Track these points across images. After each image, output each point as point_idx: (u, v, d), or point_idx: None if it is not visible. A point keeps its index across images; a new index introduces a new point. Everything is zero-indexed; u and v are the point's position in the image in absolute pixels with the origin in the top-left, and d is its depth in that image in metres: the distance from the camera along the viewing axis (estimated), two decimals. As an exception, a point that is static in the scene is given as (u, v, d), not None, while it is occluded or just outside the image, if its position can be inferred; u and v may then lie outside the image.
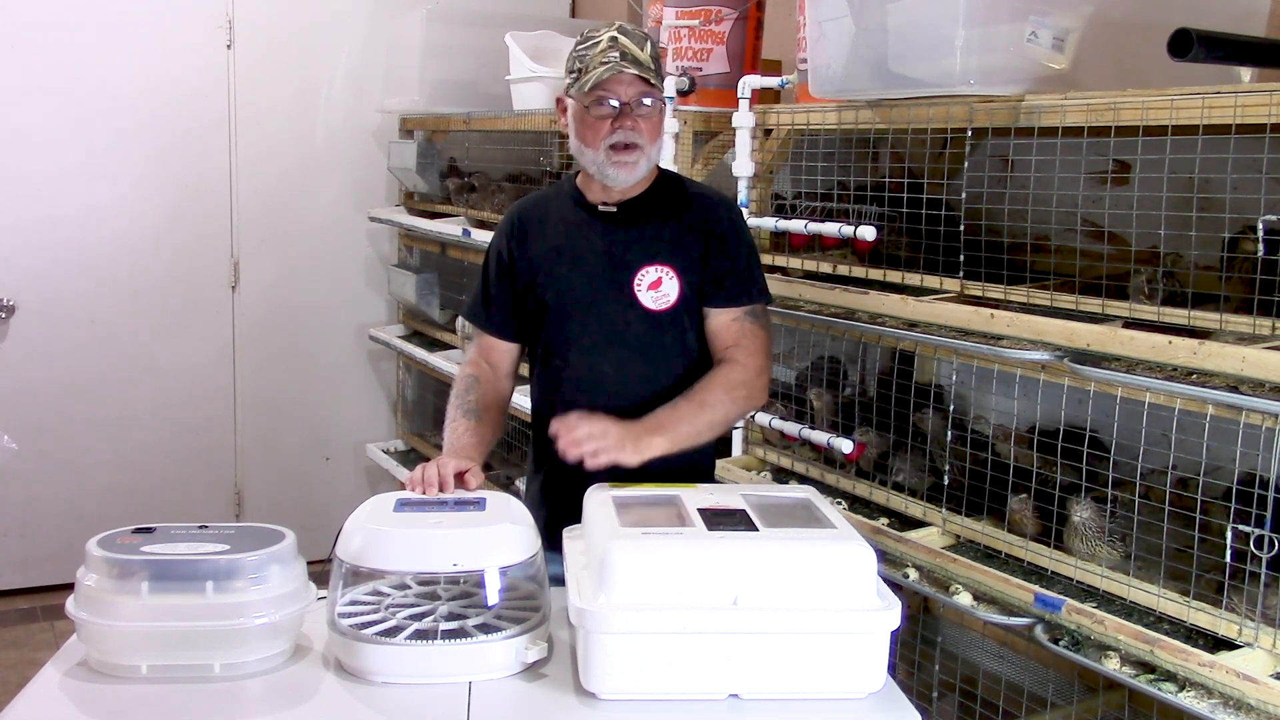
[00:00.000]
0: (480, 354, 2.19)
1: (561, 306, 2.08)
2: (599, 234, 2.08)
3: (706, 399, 1.98)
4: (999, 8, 1.93)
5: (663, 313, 2.04)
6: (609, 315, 2.05)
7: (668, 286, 2.04)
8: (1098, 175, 2.04)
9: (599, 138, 1.98)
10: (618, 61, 1.94)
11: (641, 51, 1.97)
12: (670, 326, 2.05)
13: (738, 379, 2.02)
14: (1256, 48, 1.75)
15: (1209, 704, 1.58)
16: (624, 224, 2.07)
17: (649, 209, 2.08)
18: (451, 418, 2.09)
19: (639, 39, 1.99)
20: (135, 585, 1.55)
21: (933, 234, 2.15)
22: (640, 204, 2.08)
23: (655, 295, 2.04)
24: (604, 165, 2.00)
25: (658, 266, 2.04)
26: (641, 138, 1.99)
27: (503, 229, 2.19)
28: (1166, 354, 1.65)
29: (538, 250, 2.12)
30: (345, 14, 4.37)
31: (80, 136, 4.04)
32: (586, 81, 1.95)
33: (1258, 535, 1.60)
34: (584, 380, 2.07)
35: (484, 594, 1.68)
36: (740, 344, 2.05)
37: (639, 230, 2.07)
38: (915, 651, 2.50)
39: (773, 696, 1.53)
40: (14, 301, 4.03)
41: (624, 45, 1.96)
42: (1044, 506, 1.95)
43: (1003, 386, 2.07)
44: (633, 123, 1.97)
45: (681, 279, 2.04)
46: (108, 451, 4.21)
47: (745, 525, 1.62)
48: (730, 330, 2.06)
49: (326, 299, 4.52)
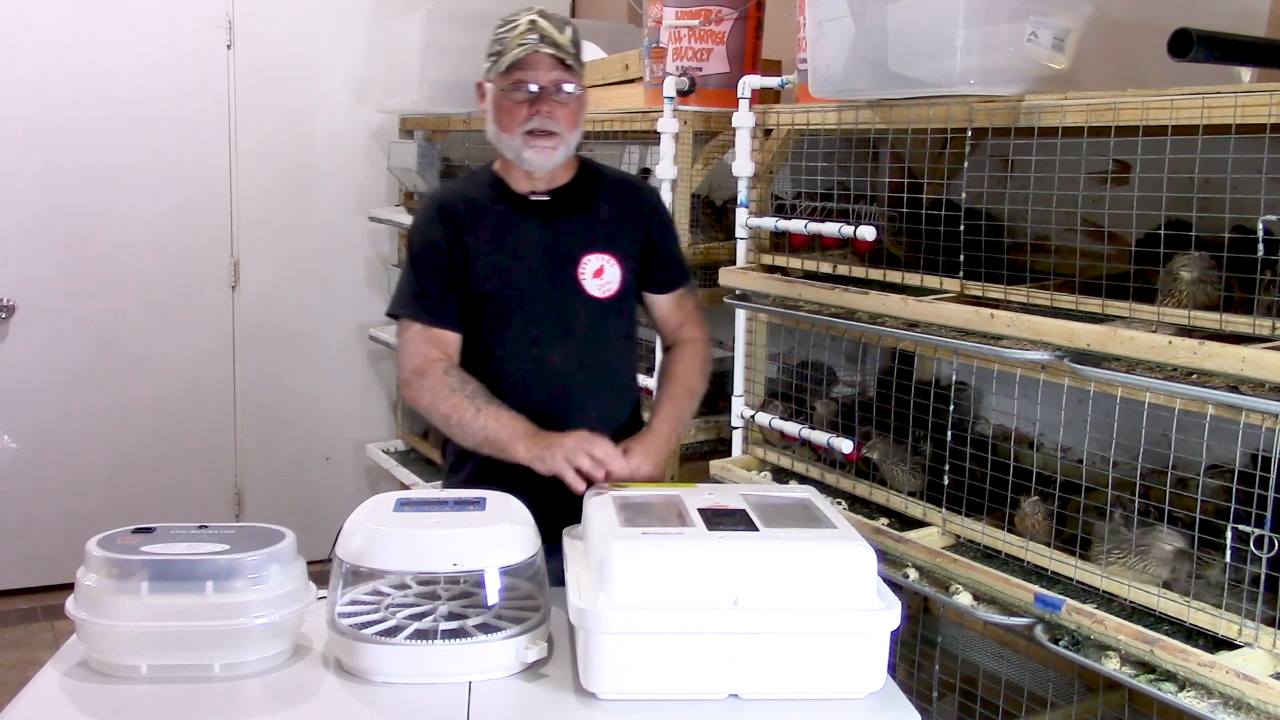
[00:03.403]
0: (436, 347, 2.05)
1: (504, 298, 2.06)
2: (535, 224, 2.08)
3: (693, 386, 2.15)
4: (999, 8, 1.93)
5: (607, 300, 2.08)
6: (556, 306, 2.06)
7: (610, 274, 2.08)
8: (1098, 175, 2.04)
9: (516, 123, 1.98)
10: (536, 43, 1.94)
11: (561, 35, 1.96)
12: (614, 313, 2.11)
13: (705, 355, 2.21)
14: (1256, 48, 1.75)
15: (1209, 704, 1.58)
16: (559, 213, 2.08)
17: (580, 197, 2.10)
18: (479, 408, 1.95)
19: (559, 23, 1.99)
20: (135, 585, 1.55)
21: (933, 234, 2.15)
22: (570, 192, 2.09)
23: (600, 283, 2.07)
24: (520, 149, 2.00)
25: (599, 254, 2.07)
26: (559, 125, 1.99)
27: (428, 219, 2.09)
28: (1166, 354, 1.65)
29: (472, 241, 2.07)
30: (345, 14, 4.37)
31: (80, 136, 4.03)
32: (504, 63, 1.95)
33: (1258, 535, 1.60)
34: (529, 371, 2.06)
35: (484, 594, 1.68)
36: (689, 320, 2.22)
37: (575, 219, 2.08)
38: (915, 651, 2.50)
39: (773, 696, 1.53)
40: (14, 301, 4.03)
41: (543, 28, 1.96)
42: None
43: (1006, 386, 2.07)
44: (549, 109, 1.97)
45: (622, 265, 2.09)
46: (108, 451, 4.21)
47: (745, 525, 1.62)
48: (678, 309, 2.21)
49: (326, 299, 4.52)
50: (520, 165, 2.04)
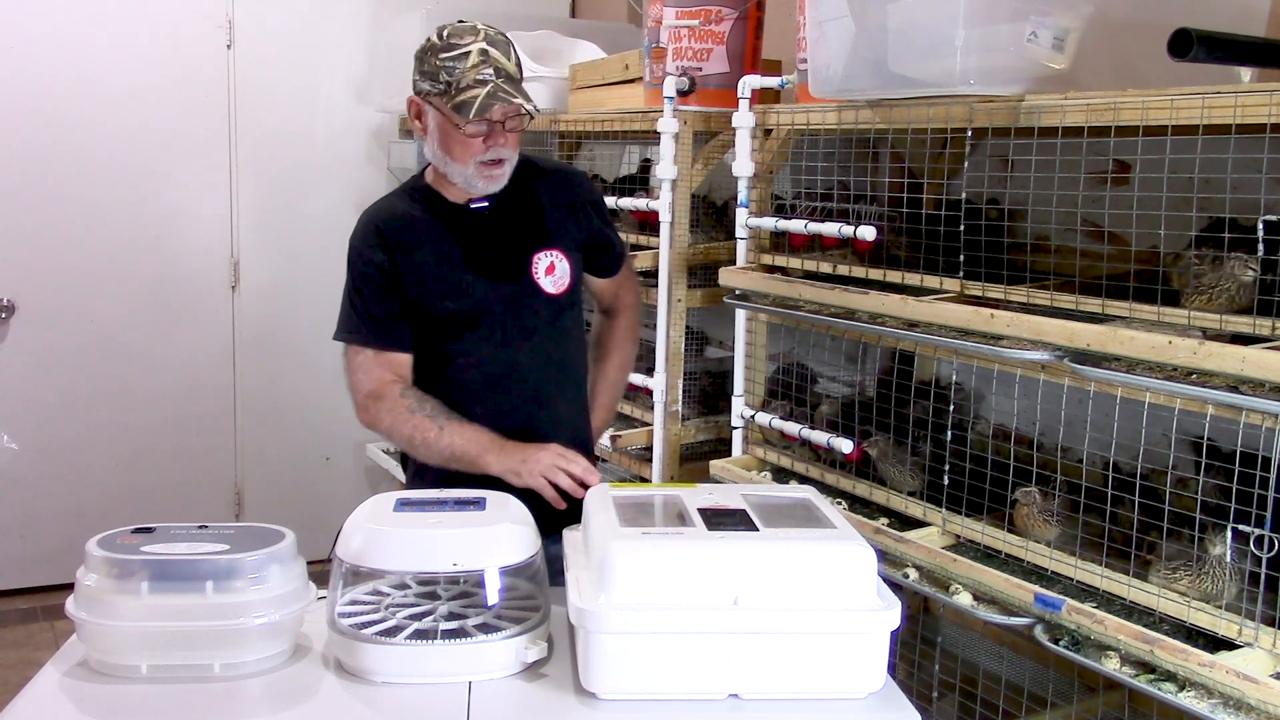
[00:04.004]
0: (389, 370, 2.08)
1: (465, 310, 2.05)
2: (480, 232, 2.08)
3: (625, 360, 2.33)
4: (999, 8, 1.93)
5: (561, 295, 2.11)
6: (517, 308, 2.08)
7: (560, 269, 2.11)
8: (1098, 175, 2.04)
9: (469, 154, 1.97)
10: (495, 83, 1.91)
11: (509, 61, 1.96)
12: (569, 306, 2.14)
13: (636, 320, 2.36)
14: (1256, 48, 1.75)
15: (1209, 704, 1.58)
16: (501, 217, 2.09)
17: (518, 197, 2.10)
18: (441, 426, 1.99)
19: (504, 47, 1.97)
20: (135, 585, 1.55)
21: (935, 233, 2.15)
22: (508, 195, 2.08)
23: (553, 279, 2.10)
24: (473, 178, 2.01)
25: (547, 251, 2.10)
26: (509, 151, 2.00)
27: (367, 241, 2.08)
28: (1166, 354, 1.65)
29: (420, 260, 2.05)
30: (345, 14, 4.37)
31: (80, 136, 4.03)
32: (465, 105, 1.90)
33: (1257, 535, 1.60)
34: (498, 375, 2.09)
35: (484, 594, 1.68)
36: (624, 286, 2.33)
37: (518, 220, 2.10)
38: (915, 651, 2.50)
39: (773, 696, 1.53)
40: (14, 301, 4.03)
41: (495, 59, 1.93)
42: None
43: (1006, 386, 2.07)
44: (504, 139, 1.97)
45: (569, 258, 2.13)
46: (108, 451, 4.21)
47: (745, 525, 1.62)
48: (613, 283, 2.31)
49: (326, 299, 4.47)
50: (469, 190, 2.05)
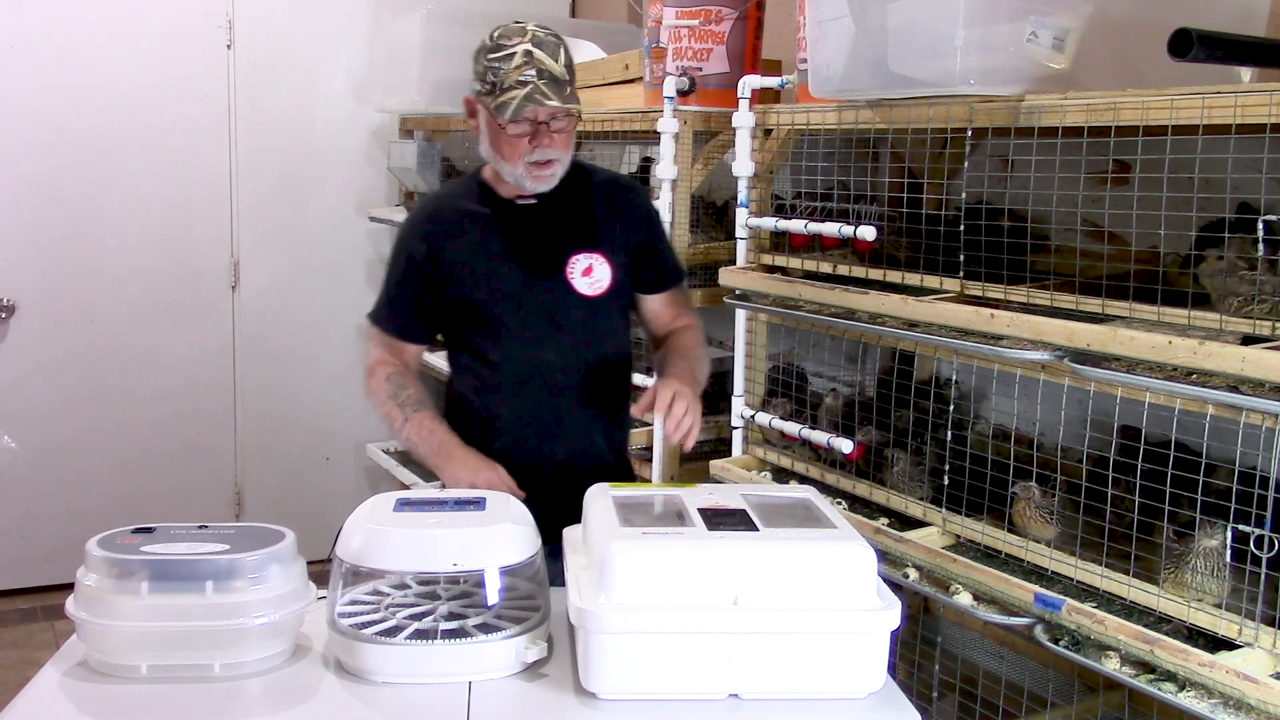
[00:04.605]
0: (389, 353, 2.19)
1: (496, 302, 2.10)
2: (522, 227, 2.10)
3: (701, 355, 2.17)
4: (999, 8, 1.93)
5: (597, 298, 2.11)
6: (547, 304, 2.09)
7: (600, 272, 2.10)
8: (1098, 175, 2.04)
9: (516, 155, 1.99)
10: (535, 85, 1.92)
11: (556, 63, 1.95)
12: (605, 310, 2.13)
13: (702, 337, 2.25)
14: (1256, 48, 1.75)
15: (1209, 704, 1.58)
16: (546, 215, 2.10)
17: (566, 198, 2.11)
18: (405, 417, 2.08)
19: (552, 48, 1.96)
20: (135, 585, 1.55)
21: (937, 234, 2.15)
22: (557, 194, 2.09)
23: (590, 281, 2.10)
24: (522, 178, 2.03)
25: (587, 253, 2.10)
26: (557, 151, 2.00)
27: (414, 232, 2.16)
28: (1166, 354, 1.65)
29: (459, 250, 2.12)
30: (345, 14, 4.37)
31: (80, 136, 4.04)
32: (504, 106, 1.93)
33: (1258, 535, 1.60)
34: (525, 370, 2.11)
35: (484, 594, 1.68)
36: (682, 312, 2.25)
37: (562, 220, 2.10)
38: (915, 651, 2.50)
39: (773, 696, 1.53)
40: (14, 301, 4.03)
41: (539, 60, 1.93)
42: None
43: (1006, 386, 2.07)
44: (549, 139, 1.98)
45: (612, 263, 2.11)
46: (108, 451, 4.21)
47: (745, 525, 1.62)
48: (670, 306, 2.24)
49: (326, 299, 4.52)
50: (520, 189, 2.07)
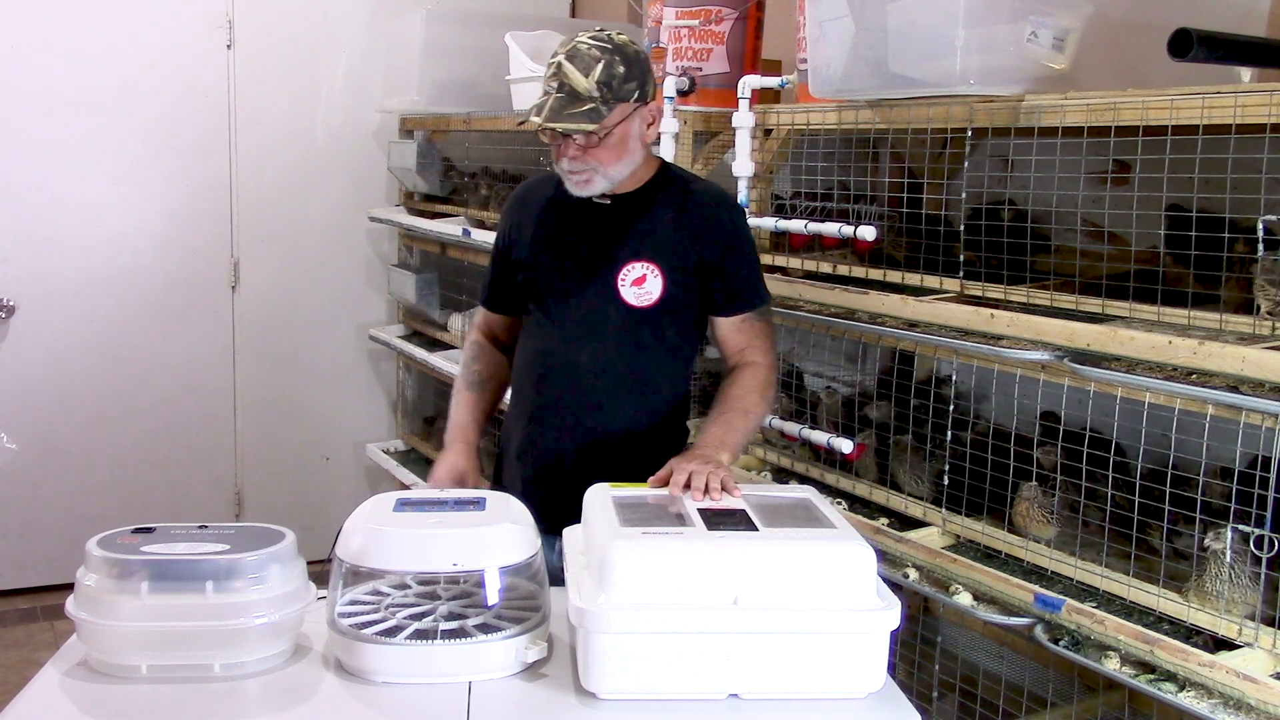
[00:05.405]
0: (483, 322, 2.30)
1: (543, 292, 2.11)
2: (589, 224, 2.08)
3: (748, 407, 2.02)
4: (999, 8, 1.93)
5: (644, 309, 2.05)
6: (588, 307, 2.07)
7: (651, 284, 2.04)
8: (1098, 175, 2.04)
9: (560, 159, 2.01)
10: (553, 98, 1.91)
11: (585, 79, 1.90)
12: (650, 323, 2.06)
13: (764, 379, 2.07)
14: (1256, 48, 1.75)
15: (1209, 704, 1.58)
16: (614, 218, 2.07)
17: (643, 205, 2.07)
18: (457, 389, 2.25)
19: (587, 62, 1.91)
20: (135, 585, 1.55)
21: (934, 234, 2.15)
22: (635, 199, 2.07)
23: (638, 292, 2.04)
24: (566, 178, 2.03)
25: (643, 263, 2.04)
26: (587, 163, 1.97)
27: (506, 211, 2.26)
28: (1166, 354, 1.65)
29: (529, 233, 2.15)
30: (345, 14, 4.37)
31: (80, 136, 4.03)
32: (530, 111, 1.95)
33: (1258, 535, 1.60)
34: (560, 368, 2.09)
35: (484, 594, 1.68)
36: (753, 344, 2.09)
37: (628, 226, 2.06)
38: (915, 651, 2.50)
39: (772, 696, 1.53)
40: (14, 301, 4.03)
41: (565, 74, 1.91)
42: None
43: (1006, 386, 2.07)
44: (575, 152, 1.96)
45: (666, 277, 2.04)
46: (108, 451, 4.21)
47: (745, 525, 1.62)
48: (742, 332, 2.10)
49: (326, 299, 4.51)
50: None
